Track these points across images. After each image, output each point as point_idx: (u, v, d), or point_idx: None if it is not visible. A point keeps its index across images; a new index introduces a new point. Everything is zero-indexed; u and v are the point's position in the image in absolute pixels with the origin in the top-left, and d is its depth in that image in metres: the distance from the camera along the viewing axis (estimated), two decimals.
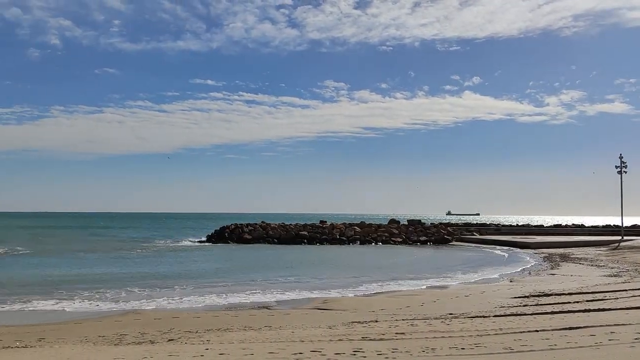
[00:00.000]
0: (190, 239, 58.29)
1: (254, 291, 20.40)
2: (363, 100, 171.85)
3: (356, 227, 55.94)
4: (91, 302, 17.94)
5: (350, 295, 19.79)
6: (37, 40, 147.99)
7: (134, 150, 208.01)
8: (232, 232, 53.71)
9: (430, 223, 64.55)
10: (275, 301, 18.22)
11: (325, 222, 60.85)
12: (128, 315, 15.15)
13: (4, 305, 17.04)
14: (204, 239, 56.26)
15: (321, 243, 51.05)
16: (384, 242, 52.03)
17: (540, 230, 65.12)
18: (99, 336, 11.73)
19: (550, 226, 70.97)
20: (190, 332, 12.12)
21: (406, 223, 60.60)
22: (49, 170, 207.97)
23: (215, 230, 56.95)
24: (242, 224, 56.14)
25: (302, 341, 10.30)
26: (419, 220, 62.71)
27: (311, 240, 51.67)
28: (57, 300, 18.02)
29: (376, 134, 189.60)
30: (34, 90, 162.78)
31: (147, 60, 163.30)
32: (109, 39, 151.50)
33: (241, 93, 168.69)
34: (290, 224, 58.36)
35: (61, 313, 16.05)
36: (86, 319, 14.90)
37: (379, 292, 20.45)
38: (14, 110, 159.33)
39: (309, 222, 62.98)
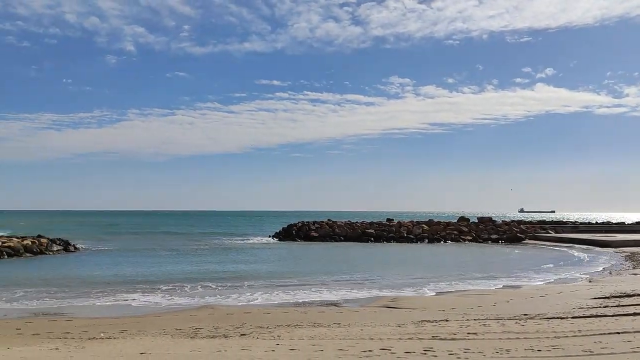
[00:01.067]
0: (258, 237, 59.52)
1: (322, 288, 20.59)
2: (429, 96, 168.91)
3: (424, 225, 55.14)
4: (169, 297, 18.76)
5: (419, 294, 19.57)
6: (113, 47, 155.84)
7: (204, 150, 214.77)
8: (299, 230, 54.37)
9: (502, 221, 62.59)
10: (343, 299, 18.30)
11: (392, 220, 60.41)
12: (202, 310, 15.71)
13: (89, 299, 18.15)
14: (271, 236, 57.30)
15: (388, 241, 50.72)
16: (453, 240, 50.98)
17: (621, 228, 61.58)
18: (176, 329, 12.25)
19: (633, 223, 66.98)
20: (261, 327, 12.41)
21: (476, 221, 59.10)
22: (127, 170, 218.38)
23: (282, 228, 57.86)
24: (308, 222, 56.70)
25: (372, 339, 10.32)
26: (490, 218, 60.94)
27: (378, 238, 51.45)
28: (139, 294, 19.01)
29: (443, 129, 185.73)
30: (111, 95, 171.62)
31: (215, 63, 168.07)
32: (180, 44, 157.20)
33: (306, 92, 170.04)
34: (357, 222, 58.38)
35: (141, 307, 16.88)
36: (164, 312, 15.59)
37: (448, 291, 20.10)
38: (94, 115, 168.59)
39: (375, 220, 62.76)
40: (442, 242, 50.72)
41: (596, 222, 71.01)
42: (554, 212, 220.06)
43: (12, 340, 11.18)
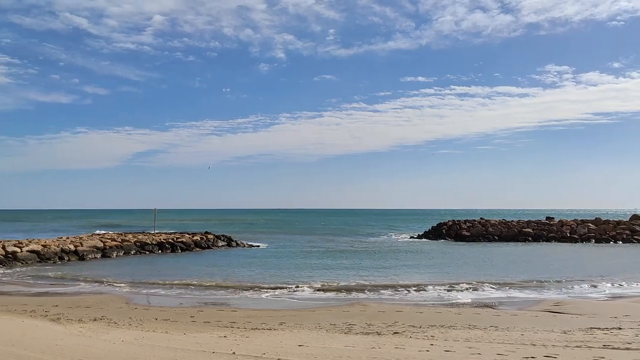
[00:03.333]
0: (406, 235, 59.11)
1: (476, 289, 19.83)
2: (592, 83, 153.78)
3: (590, 224, 50.39)
4: (323, 293, 19.42)
5: (586, 298, 17.92)
6: (266, 55, 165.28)
7: (351, 150, 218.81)
8: (449, 229, 52.94)
9: None
10: (499, 301, 17.43)
11: (553, 218, 56.16)
12: (355, 307, 16.01)
13: (251, 292, 19.49)
14: (420, 235, 56.53)
15: (548, 241, 47.24)
16: (625, 241, 45.90)
17: None
18: (331, 324, 12.62)
19: None
20: (414, 326, 12.29)
21: None
22: (280, 171, 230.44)
23: (432, 227, 56.78)
24: (459, 221, 54.93)
25: (534, 345, 9.70)
26: None
27: (536, 238, 48.16)
28: (298, 289, 19.96)
29: (610, 119, 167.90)
30: (265, 101, 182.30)
31: (360, 64, 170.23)
32: (326, 48, 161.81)
33: (453, 87, 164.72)
34: (512, 221, 55.20)
35: (296, 301, 17.70)
36: (318, 307, 16.17)
37: (620, 296, 18.14)
38: (250, 120, 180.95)
39: (532, 219, 58.83)
40: (611, 242, 45.97)
41: None
42: None
43: (187, 326, 12.39)
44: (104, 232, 50.08)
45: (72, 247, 32.77)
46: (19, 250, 30.02)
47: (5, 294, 19.23)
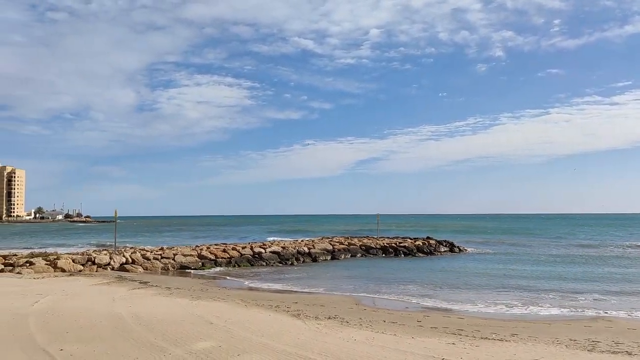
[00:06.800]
0: None
1: None
2: None
3: None
4: (558, 304, 17.89)
5: None
6: (483, 55, 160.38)
7: (584, 148, 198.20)
8: None
9: None
10: None
11: None
12: (598, 322, 14.40)
13: (481, 301, 18.88)
14: None
15: None
16: None
17: None
18: (570, 339, 11.54)
19: None
20: None
21: None
22: (501, 174, 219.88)
23: None
24: None
25: None
26: None
27: None
28: (524, 300, 18.80)
29: None
30: (483, 102, 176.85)
31: (591, 54, 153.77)
32: (550, 40, 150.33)
33: None
34: None
35: (529, 313, 16.58)
36: (554, 320, 14.93)
37: None
38: (468, 122, 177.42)
39: None
40: None
41: None
42: None
43: (414, 330, 12.53)
44: (332, 235, 53.74)
45: (306, 249, 35.88)
46: (263, 251, 33.96)
47: (254, 289, 21.93)
